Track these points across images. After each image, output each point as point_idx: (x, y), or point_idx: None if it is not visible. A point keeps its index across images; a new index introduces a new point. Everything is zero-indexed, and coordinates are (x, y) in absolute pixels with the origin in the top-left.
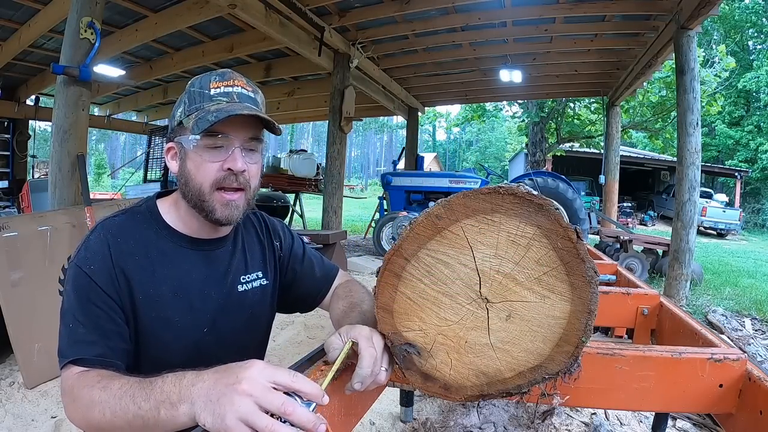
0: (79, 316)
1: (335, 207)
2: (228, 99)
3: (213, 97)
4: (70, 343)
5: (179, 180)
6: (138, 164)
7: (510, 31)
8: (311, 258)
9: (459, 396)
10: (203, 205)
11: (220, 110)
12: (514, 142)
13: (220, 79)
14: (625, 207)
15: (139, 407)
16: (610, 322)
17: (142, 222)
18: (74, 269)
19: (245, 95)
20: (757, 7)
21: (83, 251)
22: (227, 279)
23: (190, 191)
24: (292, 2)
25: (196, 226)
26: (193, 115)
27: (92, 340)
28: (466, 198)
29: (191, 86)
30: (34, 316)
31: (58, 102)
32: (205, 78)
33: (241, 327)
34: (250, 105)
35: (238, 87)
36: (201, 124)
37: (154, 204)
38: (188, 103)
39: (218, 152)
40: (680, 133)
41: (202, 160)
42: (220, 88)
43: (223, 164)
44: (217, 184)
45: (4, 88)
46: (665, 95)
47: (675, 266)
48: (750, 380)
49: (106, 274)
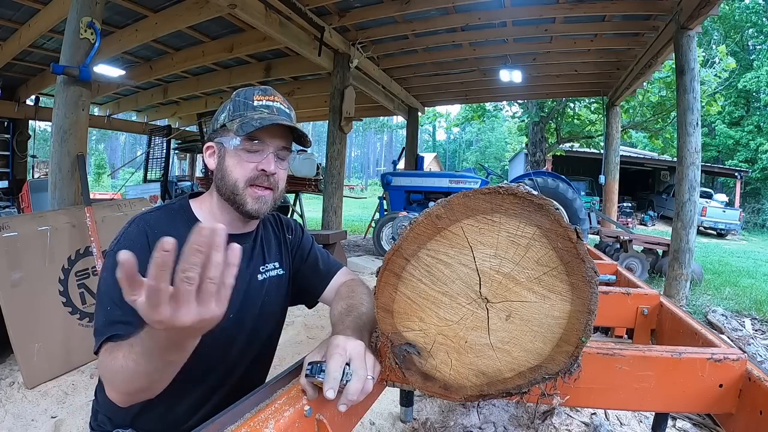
0: (116, 298)
1: (335, 207)
2: (269, 111)
3: (256, 107)
4: (107, 324)
5: (216, 175)
6: (138, 164)
7: (510, 31)
8: (317, 252)
9: (459, 396)
10: (236, 198)
11: (263, 119)
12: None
13: (263, 93)
14: (625, 207)
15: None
16: (610, 322)
17: (176, 218)
18: (113, 256)
19: (283, 110)
20: (757, 7)
21: (123, 240)
22: (249, 269)
23: (225, 185)
24: (292, 2)
25: (226, 222)
26: (237, 120)
27: (129, 321)
28: (466, 198)
29: (236, 96)
30: (34, 316)
31: (58, 102)
32: (249, 91)
33: (258, 313)
34: (285, 119)
35: (277, 103)
36: (245, 128)
37: (186, 202)
38: (233, 110)
39: (255, 155)
40: (680, 133)
41: (240, 159)
42: (263, 101)
43: (258, 165)
44: (250, 181)
45: (4, 88)
46: (665, 95)
47: (675, 266)
48: (750, 380)
49: (144, 261)
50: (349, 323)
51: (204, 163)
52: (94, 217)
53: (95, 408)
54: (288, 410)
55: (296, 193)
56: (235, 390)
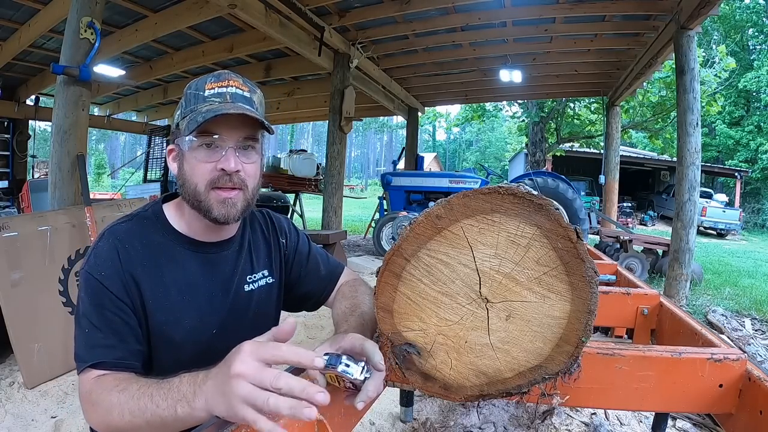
0: (95, 321)
1: (335, 207)
2: (221, 99)
3: (207, 98)
4: (88, 348)
5: (178, 181)
6: (138, 164)
7: (510, 31)
8: (316, 256)
9: (459, 396)
10: (200, 205)
11: (210, 110)
12: (514, 142)
13: (215, 80)
14: (625, 207)
15: (157, 406)
16: (610, 322)
17: (149, 227)
18: (85, 276)
19: (239, 95)
20: (757, 7)
21: (93, 258)
22: (234, 280)
23: (187, 192)
24: (292, 2)
25: (201, 229)
26: (187, 117)
27: (110, 344)
28: (466, 198)
29: (188, 89)
30: (34, 316)
31: (58, 102)
32: (202, 80)
33: (248, 326)
34: (242, 105)
35: (233, 87)
36: (191, 125)
37: (160, 209)
38: (184, 105)
39: (213, 152)
40: (680, 133)
41: (196, 161)
42: (214, 89)
43: (216, 164)
44: (212, 184)
45: (4, 88)
46: (665, 95)
47: (675, 266)
48: (750, 380)
49: (117, 279)
50: (353, 322)
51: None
52: (94, 217)
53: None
54: None
55: (296, 193)
56: None
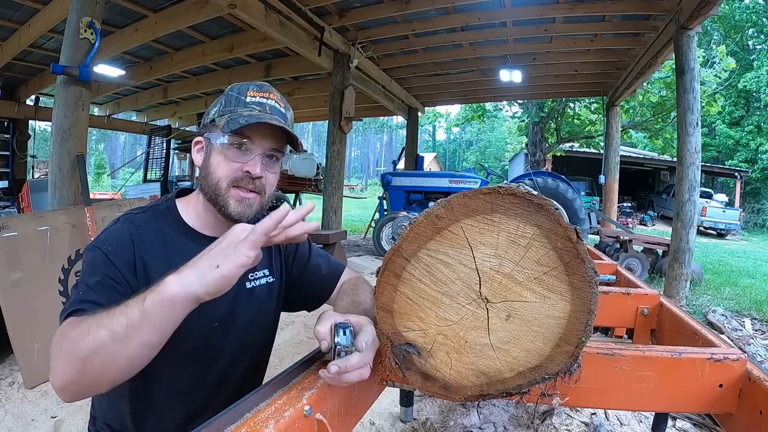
0: (91, 283)
1: (335, 207)
2: (261, 108)
3: (248, 104)
4: (77, 301)
5: (201, 172)
6: (138, 164)
7: (510, 31)
8: (317, 257)
9: (459, 396)
10: (218, 199)
11: (251, 116)
12: (514, 142)
13: (258, 89)
14: (625, 207)
15: (122, 313)
16: (610, 322)
17: (162, 219)
18: (92, 249)
19: (277, 109)
20: (757, 7)
21: (104, 235)
22: None
23: (208, 183)
24: (292, 2)
25: (212, 224)
26: (226, 116)
27: (101, 303)
28: (466, 198)
29: (230, 90)
30: (34, 316)
31: (58, 102)
32: (244, 86)
33: (248, 322)
34: (279, 118)
35: (272, 100)
36: (231, 125)
37: (173, 203)
38: (224, 105)
39: (241, 154)
40: (680, 133)
41: (225, 158)
42: (256, 98)
43: (243, 166)
44: (234, 183)
45: (4, 88)
46: (665, 95)
47: (675, 266)
48: (750, 380)
49: (126, 258)
50: None
51: (191, 159)
52: (94, 217)
53: (93, 414)
54: (288, 410)
55: (296, 193)
56: (231, 401)
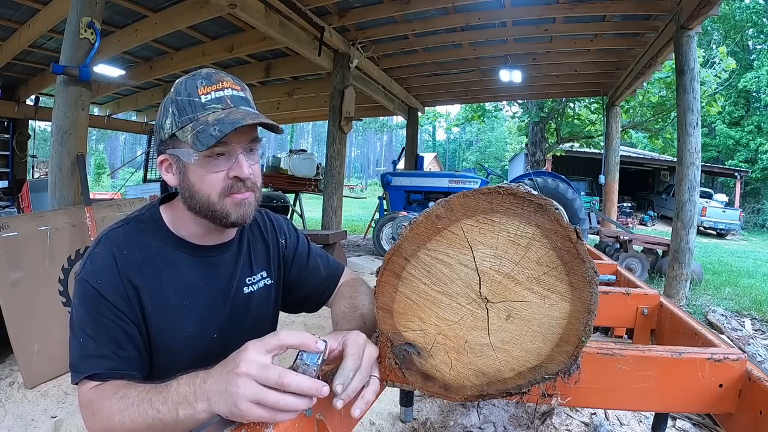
0: (89, 330)
1: (335, 207)
2: (222, 105)
3: (205, 105)
4: (82, 358)
5: (182, 193)
6: (138, 164)
7: (510, 31)
8: (316, 257)
9: (459, 396)
10: (215, 213)
11: (220, 121)
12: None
13: (207, 83)
14: (625, 207)
15: (157, 411)
16: (610, 322)
17: (146, 231)
18: (81, 283)
19: (237, 97)
20: (757, 7)
21: (89, 264)
22: (233, 283)
23: (197, 203)
24: (292, 2)
25: (200, 233)
26: (188, 127)
27: (104, 354)
28: (466, 198)
29: (177, 94)
30: (34, 316)
31: (58, 102)
32: (190, 82)
33: (247, 328)
34: (246, 108)
35: (229, 89)
36: (204, 140)
37: (157, 211)
38: (178, 114)
39: (221, 161)
40: (680, 133)
41: (205, 172)
42: (211, 94)
43: (228, 172)
44: (225, 192)
45: (4, 88)
46: (665, 95)
47: (675, 266)
48: (750, 380)
49: (114, 287)
50: (354, 324)
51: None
52: (94, 217)
53: None
54: None
55: (296, 193)
56: None
